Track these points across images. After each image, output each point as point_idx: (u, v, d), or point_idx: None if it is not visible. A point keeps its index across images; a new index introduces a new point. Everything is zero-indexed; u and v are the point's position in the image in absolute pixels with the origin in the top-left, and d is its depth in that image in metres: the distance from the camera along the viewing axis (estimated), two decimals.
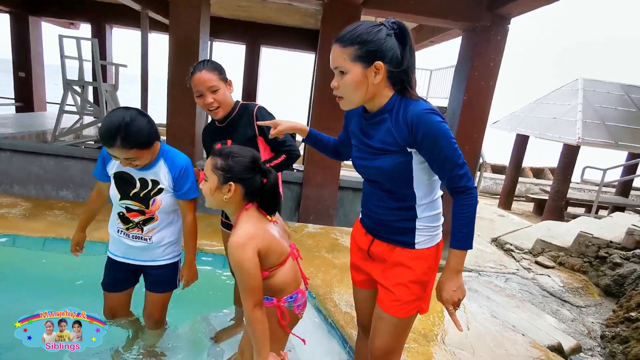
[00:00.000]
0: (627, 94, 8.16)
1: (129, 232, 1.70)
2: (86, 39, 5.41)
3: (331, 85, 1.29)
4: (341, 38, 1.21)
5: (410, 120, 1.18)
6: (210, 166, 1.32)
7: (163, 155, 1.65)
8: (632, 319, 2.67)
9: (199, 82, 1.72)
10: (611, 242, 4.14)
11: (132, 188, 1.64)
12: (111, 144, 1.44)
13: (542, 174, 14.01)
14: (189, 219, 1.75)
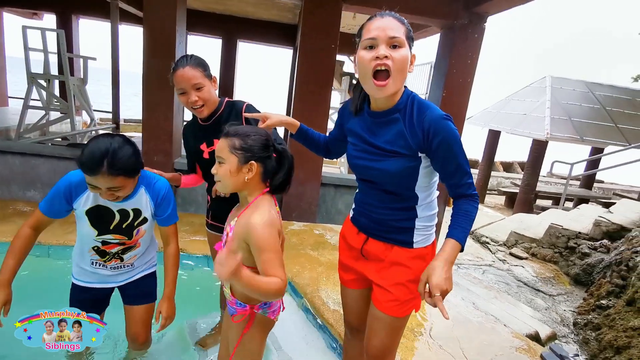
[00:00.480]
0: (591, 91, 8.58)
1: (107, 264, 1.59)
2: (52, 30, 5.11)
3: (381, 53, 1.13)
4: (395, 14, 1.19)
5: (428, 126, 1.16)
6: (228, 147, 1.24)
7: (143, 183, 1.53)
8: (603, 306, 2.82)
9: (182, 79, 1.62)
10: (580, 233, 4.35)
11: (111, 221, 1.51)
12: (97, 170, 1.29)
13: (511, 168, 14.56)
14: (172, 247, 1.64)
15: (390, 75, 1.14)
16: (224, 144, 1.26)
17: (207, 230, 2.01)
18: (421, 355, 1.99)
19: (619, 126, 7.85)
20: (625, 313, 2.49)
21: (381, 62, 1.13)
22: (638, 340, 2.20)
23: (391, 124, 1.24)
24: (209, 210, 1.96)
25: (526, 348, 2.17)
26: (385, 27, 1.13)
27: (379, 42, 1.13)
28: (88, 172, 1.31)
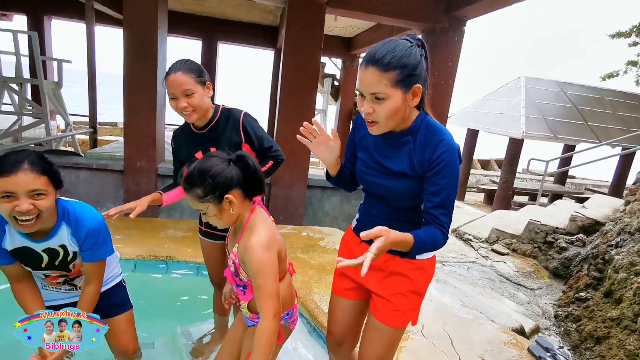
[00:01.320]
0: (562, 90, 8.92)
1: (60, 287, 1.52)
2: (24, 32, 4.93)
3: (363, 110, 1.17)
4: (379, 61, 1.10)
5: (439, 153, 1.16)
6: (196, 200, 1.21)
7: (64, 219, 1.38)
8: (582, 298, 2.95)
9: (173, 84, 1.61)
10: (557, 228, 4.52)
11: (41, 260, 1.40)
12: (18, 166, 1.16)
13: (488, 165, 14.97)
14: (91, 287, 1.47)
15: (377, 122, 1.17)
16: (191, 199, 1.22)
17: (201, 237, 1.96)
18: (415, 353, 2.04)
19: (590, 124, 8.20)
20: (603, 304, 2.61)
21: (367, 117, 1.18)
22: (616, 330, 2.31)
23: (402, 146, 1.24)
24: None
25: (514, 342, 2.25)
26: (368, 83, 1.13)
27: (365, 95, 1.16)
28: (8, 169, 1.16)
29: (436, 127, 1.21)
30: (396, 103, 1.13)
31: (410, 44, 1.13)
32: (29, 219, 1.22)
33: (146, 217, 3.91)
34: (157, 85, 3.71)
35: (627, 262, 2.61)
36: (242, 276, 1.31)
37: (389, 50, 1.10)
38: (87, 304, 1.47)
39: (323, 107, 8.09)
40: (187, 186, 1.21)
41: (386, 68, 1.09)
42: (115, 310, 1.65)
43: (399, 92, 1.12)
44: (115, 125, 12.52)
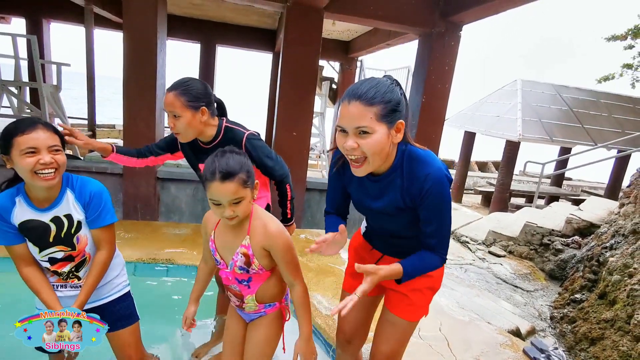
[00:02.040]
0: (558, 93, 9.00)
1: (66, 284, 1.52)
2: (23, 36, 4.95)
3: (346, 146, 1.13)
4: (364, 95, 1.09)
5: (428, 186, 1.16)
6: (241, 186, 1.24)
7: (68, 185, 1.45)
8: (577, 300, 2.98)
9: (165, 102, 1.66)
10: (553, 230, 4.57)
11: (49, 233, 1.42)
12: (34, 124, 1.30)
13: (486, 167, 15.05)
14: (101, 254, 1.50)
15: (365, 160, 1.15)
16: (233, 187, 1.23)
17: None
18: (412, 355, 2.06)
19: (585, 127, 8.27)
20: (598, 306, 2.65)
21: (350, 153, 1.14)
22: (610, 331, 2.35)
23: (390, 185, 1.24)
24: None
25: (509, 344, 2.28)
26: (351, 117, 1.10)
27: (348, 131, 1.13)
28: (27, 127, 1.28)
29: (419, 158, 1.19)
30: (381, 137, 1.11)
31: (390, 82, 1.15)
32: (50, 171, 1.32)
33: (145, 220, 3.93)
34: (157, 89, 3.74)
35: (620, 264, 2.65)
36: (253, 266, 1.35)
37: (372, 86, 1.11)
38: (97, 271, 1.50)
39: (321, 110, 8.13)
40: (231, 174, 1.22)
41: (371, 102, 1.09)
42: (121, 323, 1.63)
43: (384, 127, 1.11)
44: (113, 127, 12.52)
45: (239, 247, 1.35)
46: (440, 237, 1.22)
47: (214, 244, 1.41)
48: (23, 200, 1.39)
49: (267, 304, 1.45)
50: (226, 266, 1.40)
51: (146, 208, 3.94)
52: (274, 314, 1.48)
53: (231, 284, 1.43)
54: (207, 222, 1.47)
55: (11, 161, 1.31)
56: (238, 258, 1.36)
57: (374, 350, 1.46)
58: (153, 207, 3.95)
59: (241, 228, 1.36)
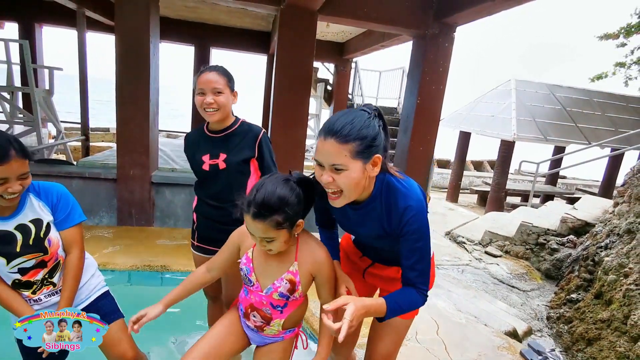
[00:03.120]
0: (552, 92, 9.05)
1: (40, 294, 1.47)
2: (15, 41, 4.90)
3: (323, 180, 1.15)
4: (338, 133, 1.10)
5: (407, 219, 1.17)
6: (272, 228, 1.17)
7: (30, 191, 1.45)
8: (573, 300, 2.99)
9: (205, 80, 1.68)
10: (548, 230, 4.58)
11: (15, 242, 1.39)
12: (9, 155, 1.26)
13: (481, 167, 15.10)
14: (73, 255, 1.50)
15: (342, 192, 1.16)
16: (263, 227, 1.17)
17: (194, 252, 1.95)
18: (409, 359, 2.06)
19: (579, 126, 8.32)
20: (594, 306, 2.66)
21: (327, 186, 1.16)
22: (607, 332, 2.35)
23: (370, 213, 1.26)
24: (195, 230, 1.91)
25: (506, 346, 2.28)
26: (327, 154, 1.12)
27: (324, 165, 1.14)
28: (1, 158, 1.25)
29: (399, 189, 1.20)
30: (356, 173, 1.12)
31: (368, 115, 1.14)
32: (14, 195, 1.33)
33: (140, 225, 3.90)
34: (150, 93, 3.72)
35: (616, 264, 2.66)
36: (296, 294, 1.31)
37: (347, 122, 1.10)
38: (75, 272, 1.49)
39: (316, 112, 8.13)
40: (263, 214, 1.15)
41: (345, 140, 1.09)
42: (109, 316, 1.61)
43: (358, 163, 1.12)
44: (107, 130, 12.43)
45: (285, 273, 1.29)
46: (420, 270, 1.22)
47: (250, 264, 1.34)
48: None
49: (288, 330, 1.42)
50: (261, 289, 1.33)
51: (141, 213, 3.91)
52: (290, 339, 1.45)
53: (263, 307, 1.35)
54: (243, 238, 1.38)
55: None
56: (282, 284, 1.30)
57: (370, 352, 1.48)
58: (148, 212, 3.92)
59: (287, 253, 1.31)
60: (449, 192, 9.25)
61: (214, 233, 1.81)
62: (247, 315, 1.41)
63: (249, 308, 1.38)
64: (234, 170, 1.75)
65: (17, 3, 6.45)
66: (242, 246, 1.38)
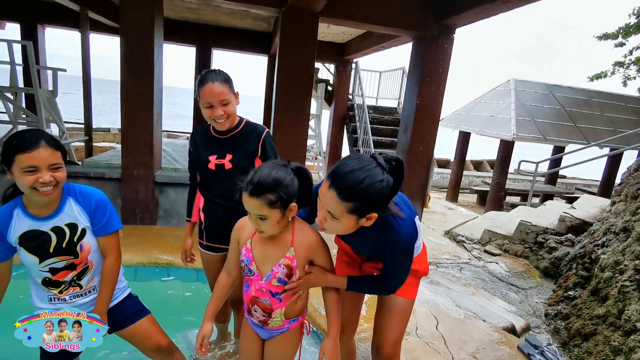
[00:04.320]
0: (551, 92, 9.11)
1: (65, 295, 1.52)
2: (19, 42, 4.96)
3: (318, 216, 1.25)
4: (342, 189, 1.13)
5: (394, 250, 1.32)
6: (265, 205, 1.24)
7: (69, 194, 1.47)
8: (570, 297, 3.05)
9: (211, 94, 1.68)
10: (547, 229, 4.64)
11: (49, 243, 1.43)
12: (37, 142, 1.29)
13: (481, 166, 15.16)
14: (108, 261, 1.54)
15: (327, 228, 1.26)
16: (257, 203, 1.25)
17: (202, 250, 1.99)
18: (410, 353, 2.11)
19: (578, 125, 8.38)
20: (591, 302, 2.71)
21: (319, 222, 1.27)
22: (602, 327, 2.41)
23: (365, 239, 1.37)
24: (204, 230, 1.94)
25: (504, 341, 2.33)
26: (326, 201, 1.18)
27: (322, 204, 1.22)
28: (29, 146, 1.28)
29: (394, 227, 1.28)
30: (347, 225, 1.20)
31: (379, 178, 1.14)
32: (48, 188, 1.34)
33: (144, 224, 3.96)
34: (154, 94, 3.77)
35: (612, 261, 2.71)
36: (294, 278, 1.37)
37: (355, 182, 1.12)
38: (111, 277, 1.55)
39: (317, 112, 8.17)
40: (258, 191, 1.23)
41: (345, 198, 1.13)
42: (135, 316, 1.66)
43: (352, 218, 1.18)
44: (108, 130, 12.49)
45: (282, 258, 1.35)
46: (395, 279, 1.40)
47: (250, 254, 1.39)
48: (21, 212, 1.41)
49: (292, 319, 1.46)
50: (261, 278, 1.38)
51: (145, 213, 3.96)
52: (295, 328, 1.49)
53: (263, 296, 1.40)
54: (241, 231, 1.44)
55: (11, 174, 1.32)
56: (279, 270, 1.36)
57: (379, 340, 1.55)
58: (152, 211, 3.98)
59: (283, 240, 1.37)
60: (448, 191, 9.30)
61: (222, 232, 1.85)
62: (250, 312, 1.46)
63: (250, 302, 1.43)
64: (240, 169, 1.79)
65: (20, 4, 6.50)
66: (241, 239, 1.43)
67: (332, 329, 1.42)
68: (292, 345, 1.50)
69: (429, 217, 6.21)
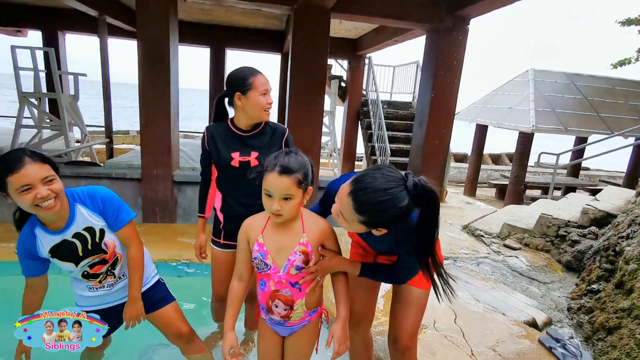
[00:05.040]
0: (572, 82, 8.84)
1: (103, 284, 1.63)
2: (41, 49, 5.14)
3: (334, 209, 1.28)
4: (358, 201, 1.16)
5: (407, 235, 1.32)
6: (294, 185, 1.30)
7: (76, 201, 1.51)
8: (594, 290, 2.97)
9: (264, 82, 1.80)
10: (569, 222, 4.52)
11: (75, 248, 1.51)
12: (22, 160, 1.28)
13: (499, 160, 14.86)
14: (131, 251, 1.62)
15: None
16: (288, 183, 1.29)
17: (219, 249, 1.99)
18: (428, 346, 2.11)
19: (601, 115, 8.12)
20: (615, 295, 2.64)
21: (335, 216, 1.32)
22: (627, 320, 2.34)
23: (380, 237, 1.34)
24: (222, 230, 1.95)
25: (525, 334, 2.30)
26: (343, 209, 1.21)
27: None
28: (14, 165, 1.27)
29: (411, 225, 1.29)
30: (358, 229, 1.25)
31: (400, 205, 1.13)
32: (49, 202, 1.35)
33: (164, 223, 4.05)
34: (171, 95, 3.85)
35: (637, 253, 2.63)
36: (311, 263, 1.40)
37: (374, 203, 1.14)
38: (137, 266, 1.62)
39: (331, 109, 8.17)
40: (289, 170, 1.30)
41: (359, 212, 1.17)
42: (160, 303, 1.76)
43: (363, 228, 1.23)
44: (127, 133, 12.81)
45: (297, 245, 1.38)
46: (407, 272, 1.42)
47: (263, 248, 1.40)
48: (41, 229, 1.46)
49: (312, 310, 1.48)
50: (278, 270, 1.39)
51: (164, 211, 4.06)
52: (315, 320, 1.52)
53: (283, 288, 1.40)
54: (249, 229, 1.45)
55: (10, 197, 1.33)
56: (296, 257, 1.38)
57: (396, 331, 1.57)
58: (171, 210, 4.08)
59: (294, 229, 1.40)
60: (466, 186, 9.16)
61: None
62: (270, 310, 1.44)
63: (269, 299, 1.42)
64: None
65: (41, 12, 6.72)
66: (251, 237, 1.43)
67: (341, 312, 1.44)
68: (313, 337, 1.53)
69: (446, 211, 6.14)
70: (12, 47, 4.91)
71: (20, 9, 6.67)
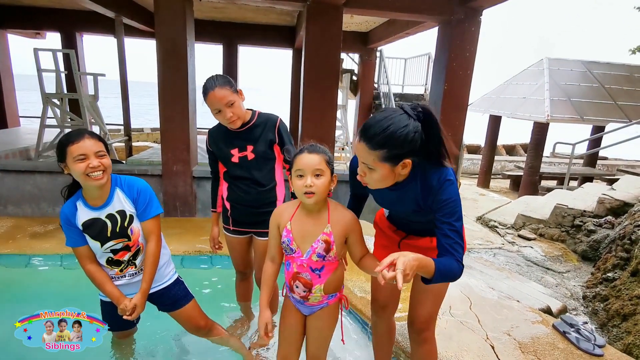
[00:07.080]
0: (588, 70, 8.67)
1: (125, 273, 1.73)
2: (62, 51, 5.31)
3: (359, 172, 1.33)
4: (370, 138, 1.21)
5: (444, 189, 1.29)
6: (323, 160, 1.43)
7: (117, 184, 1.67)
8: (609, 279, 3.00)
9: (215, 100, 1.82)
10: (584, 211, 4.51)
11: (106, 228, 1.64)
12: (82, 134, 1.53)
13: (514, 151, 14.67)
14: (150, 246, 1.72)
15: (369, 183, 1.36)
16: (319, 157, 1.43)
17: (229, 234, 2.18)
18: (444, 331, 2.19)
19: (619, 103, 7.96)
20: (630, 283, 2.66)
21: (359, 177, 1.36)
22: None
23: (407, 194, 1.38)
24: (230, 217, 2.11)
25: (539, 320, 2.35)
26: (359, 154, 1.28)
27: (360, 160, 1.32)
28: (76, 138, 1.51)
29: (434, 169, 1.31)
30: (384, 174, 1.26)
31: (404, 124, 1.19)
32: (98, 173, 1.54)
33: (184, 217, 4.20)
34: (189, 93, 3.97)
35: None
36: (331, 253, 1.49)
37: (380, 130, 1.19)
38: (152, 261, 1.72)
39: (343, 103, 8.21)
40: (317, 150, 1.44)
41: (373, 147, 1.21)
42: (180, 301, 1.88)
43: (386, 166, 1.24)
44: (141, 130, 13.04)
45: (320, 234, 1.47)
46: (454, 237, 1.28)
47: (290, 234, 1.51)
48: (82, 203, 1.63)
49: (330, 295, 1.57)
50: (301, 254, 1.50)
51: (184, 206, 4.20)
52: (334, 304, 1.61)
53: (304, 272, 1.52)
54: (280, 217, 1.57)
55: (67, 167, 1.54)
56: (318, 245, 1.47)
57: (413, 316, 1.63)
58: (191, 204, 4.22)
59: (320, 218, 1.50)
60: (479, 177, 9.12)
61: (248, 217, 2.06)
62: (292, 288, 1.58)
63: (292, 279, 1.56)
64: (262, 157, 1.98)
65: (59, 14, 6.92)
66: (281, 223, 1.56)
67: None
68: (332, 319, 1.63)
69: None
70: (35, 49, 5.08)
71: (39, 11, 6.89)
